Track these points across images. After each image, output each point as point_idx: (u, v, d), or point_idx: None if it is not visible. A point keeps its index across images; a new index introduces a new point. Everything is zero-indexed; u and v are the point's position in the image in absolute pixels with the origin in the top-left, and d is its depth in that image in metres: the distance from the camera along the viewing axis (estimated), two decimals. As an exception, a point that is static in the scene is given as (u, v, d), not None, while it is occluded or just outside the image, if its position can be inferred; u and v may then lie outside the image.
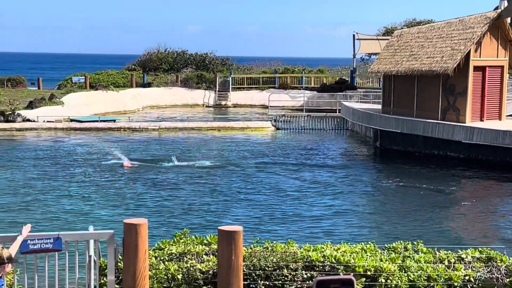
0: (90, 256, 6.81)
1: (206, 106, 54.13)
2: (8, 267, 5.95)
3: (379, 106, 34.25)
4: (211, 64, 62.90)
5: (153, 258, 7.30)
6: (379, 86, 43.03)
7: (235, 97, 54.62)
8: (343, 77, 55.37)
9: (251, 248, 7.57)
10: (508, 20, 28.89)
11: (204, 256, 7.36)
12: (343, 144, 34.78)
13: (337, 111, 42.36)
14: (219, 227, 6.59)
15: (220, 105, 54.00)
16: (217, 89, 54.76)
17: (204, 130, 38.25)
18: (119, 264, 6.98)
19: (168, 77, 58.93)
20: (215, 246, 7.36)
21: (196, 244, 7.68)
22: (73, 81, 56.82)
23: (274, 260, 7.17)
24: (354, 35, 53.76)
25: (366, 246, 7.63)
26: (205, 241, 7.81)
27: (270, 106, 48.35)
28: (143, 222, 6.54)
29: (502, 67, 29.57)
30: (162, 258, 7.33)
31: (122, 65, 70.48)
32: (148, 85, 55.69)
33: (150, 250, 7.31)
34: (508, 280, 6.54)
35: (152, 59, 63.38)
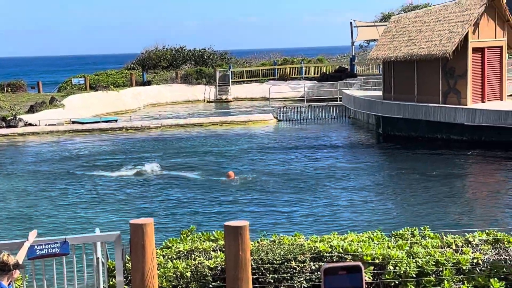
0: (97, 258, 6.82)
1: (207, 102, 54.11)
2: (16, 274, 5.96)
3: (380, 93, 34.19)
4: (210, 59, 62.83)
5: (161, 257, 7.31)
6: (379, 72, 42.91)
7: (235, 91, 54.58)
8: (343, 65, 55.27)
9: (258, 242, 7.57)
10: (505, 0, 28.78)
11: (211, 252, 7.36)
12: (345, 132, 34.75)
13: (338, 99, 42.28)
14: (225, 223, 6.59)
15: (221, 100, 53.97)
16: (217, 84, 54.73)
17: (206, 125, 38.25)
18: (127, 264, 7.00)
19: (168, 74, 58.90)
20: (222, 242, 7.36)
21: (203, 241, 7.69)
22: (73, 83, 56.81)
23: (282, 253, 7.17)
24: (351, 23, 53.61)
25: (373, 234, 7.62)
26: (212, 237, 7.82)
27: (271, 98, 48.31)
28: (149, 221, 6.55)
29: (501, 47, 29.50)
30: (170, 256, 7.34)
31: (121, 64, 70.47)
32: (148, 83, 55.68)
33: (157, 249, 7.32)
34: (516, 261, 6.54)
35: (150, 57, 63.33)
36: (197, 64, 61.87)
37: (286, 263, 7.04)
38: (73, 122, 39.46)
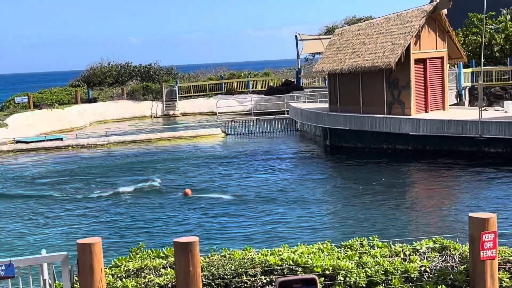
0: (44, 280, 6.67)
1: (155, 117, 53.75)
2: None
3: (326, 105, 34.58)
4: (156, 74, 62.45)
5: (110, 276, 7.19)
6: (325, 85, 43.42)
7: (183, 106, 54.41)
8: (289, 79, 55.69)
9: (208, 258, 7.53)
10: (445, 11, 29.53)
11: (161, 269, 7.28)
12: (293, 145, 34.98)
13: (285, 112, 42.56)
14: (174, 239, 6.54)
15: (168, 115, 53.70)
16: (164, 99, 54.46)
17: (154, 141, 37.96)
18: (75, 285, 6.86)
19: (114, 91, 58.28)
20: (173, 259, 7.29)
21: (153, 258, 7.59)
22: (16, 102, 55.62)
23: (233, 267, 7.14)
24: (296, 36, 54.13)
25: (323, 246, 7.66)
26: (161, 254, 7.73)
27: (219, 113, 48.31)
28: (97, 241, 6.44)
29: (442, 58, 30.23)
30: (119, 275, 7.23)
31: (66, 82, 69.40)
32: (94, 100, 55.01)
33: (106, 268, 7.20)
34: (462, 267, 6.67)
35: (95, 73, 62.54)
36: (144, 80, 61.41)
37: (237, 277, 7.02)
38: (17, 142, 38.62)
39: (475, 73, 39.72)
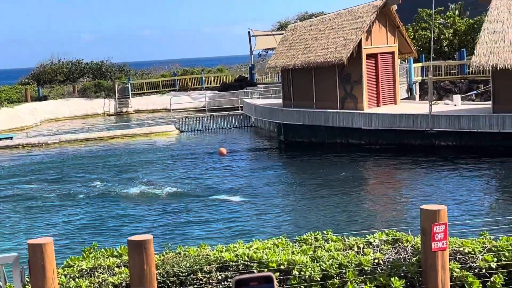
0: (-5, 282, 6.53)
1: (107, 115, 53.13)
2: None
3: (280, 101, 34.70)
4: (108, 71, 61.70)
5: (63, 277, 7.08)
6: (279, 80, 43.58)
7: (136, 103, 53.91)
8: (243, 75, 55.70)
9: (163, 255, 7.48)
10: (395, 7, 29.92)
11: (115, 268, 7.20)
12: (248, 141, 35.02)
13: (239, 108, 42.56)
14: (128, 238, 6.48)
15: (121, 113, 53.15)
16: (116, 97, 53.87)
17: (107, 139, 37.51)
18: (27, 287, 6.73)
19: (65, 88, 57.37)
20: (127, 258, 7.22)
21: (106, 257, 7.50)
22: (-37, 101, 54.28)
23: (188, 264, 7.12)
24: (249, 32, 54.17)
25: (277, 241, 7.68)
26: (115, 253, 7.64)
27: (172, 109, 48.02)
28: (49, 241, 6.33)
29: (392, 53, 30.66)
30: (72, 275, 7.12)
31: (15, 80, 67.99)
32: (44, 98, 54.05)
33: (58, 268, 7.09)
34: (414, 259, 6.77)
35: (46, 71, 61.43)
36: (95, 77, 60.63)
37: (192, 274, 7.00)
38: (-35, 141, 37.71)
39: (425, 67, 40.37)
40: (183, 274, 7.02)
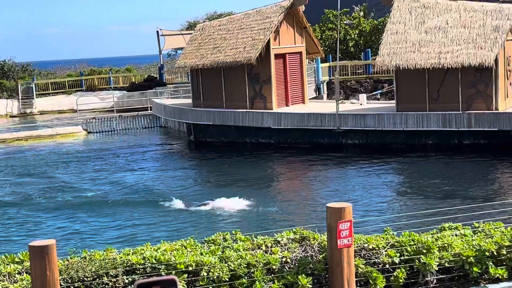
0: None
1: (10, 116, 51.24)
2: None
3: (190, 101, 34.53)
4: (10, 71, 59.53)
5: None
6: (188, 80, 43.37)
7: (41, 104, 52.27)
8: (152, 74, 55.09)
9: (67, 260, 7.27)
10: (302, 7, 30.38)
11: (17, 275, 6.94)
12: (157, 141, 34.67)
13: (149, 108, 42.06)
14: (29, 243, 6.26)
15: (25, 114, 51.40)
16: (20, 97, 52.06)
17: (10, 141, 36.20)
18: None
19: (-36, 89, 54.94)
20: (28, 264, 6.97)
21: (7, 264, 7.22)
22: None
23: (93, 269, 6.95)
24: (158, 32, 53.64)
25: (186, 242, 7.62)
26: (16, 260, 7.37)
27: (79, 110, 46.88)
28: None
29: (300, 53, 31.13)
30: (-31, 285, 6.81)
31: None
32: None
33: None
34: (321, 256, 6.87)
35: None
36: (-3, 77, 58.35)
37: (98, 279, 6.83)
38: None
39: (332, 67, 41.20)
40: (88, 278, 6.84)
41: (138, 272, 6.96)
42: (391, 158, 24.80)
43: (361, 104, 30.63)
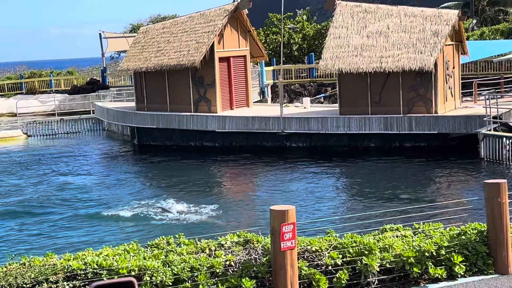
0: None
1: None
2: None
3: (134, 104, 34.18)
4: None
5: None
6: (132, 83, 42.92)
7: (-22, 107, 50.87)
8: (94, 77, 54.32)
9: (6, 267, 7.10)
10: (246, 11, 30.45)
11: (-48, 284, 6.73)
12: (100, 145, 34.19)
13: (91, 112, 41.43)
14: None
15: (-38, 117, 49.94)
16: (-44, 100, 50.57)
17: None
18: None
19: None
20: (-36, 272, 6.77)
21: None
22: None
23: (32, 275, 6.79)
24: (100, 34, 52.99)
25: (128, 247, 7.53)
26: (-49, 268, 7.14)
27: (19, 114, 45.81)
28: None
29: (244, 56, 31.21)
30: None
31: None
32: None
33: None
34: (264, 259, 6.89)
35: None
36: None
37: (37, 285, 6.69)
38: None
39: (276, 71, 41.43)
40: (27, 285, 6.69)
41: (79, 278, 6.84)
42: (334, 161, 25.09)
43: (305, 108, 30.89)
